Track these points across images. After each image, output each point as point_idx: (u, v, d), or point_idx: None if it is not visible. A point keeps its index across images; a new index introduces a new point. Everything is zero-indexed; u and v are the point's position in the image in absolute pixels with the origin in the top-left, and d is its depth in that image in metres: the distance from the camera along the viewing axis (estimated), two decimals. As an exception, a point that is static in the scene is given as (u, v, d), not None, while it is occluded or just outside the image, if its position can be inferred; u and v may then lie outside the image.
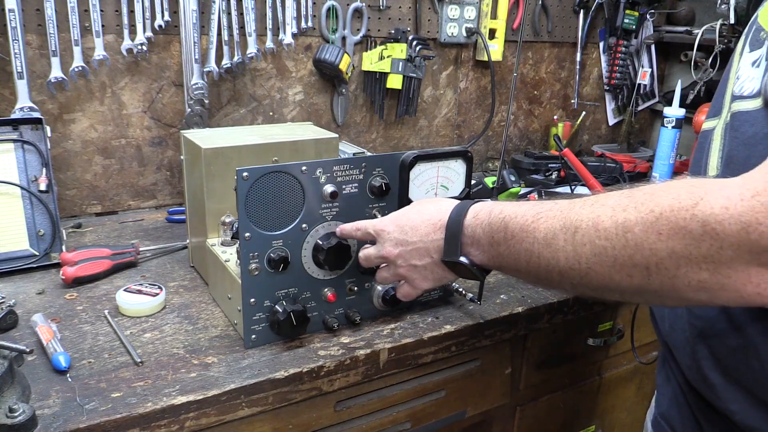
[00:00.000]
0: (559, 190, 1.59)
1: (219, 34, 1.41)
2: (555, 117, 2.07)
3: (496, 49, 1.79)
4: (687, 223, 0.51)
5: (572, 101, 2.09)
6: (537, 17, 1.91)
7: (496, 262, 0.73)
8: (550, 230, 0.63)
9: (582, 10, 1.97)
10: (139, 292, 1.01)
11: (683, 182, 0.55)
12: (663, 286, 0.55)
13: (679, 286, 0.54)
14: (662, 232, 0.52)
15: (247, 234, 0.85)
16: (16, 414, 0.69)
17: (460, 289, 1.05)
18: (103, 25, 1.30)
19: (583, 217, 0.60)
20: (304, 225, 0.89)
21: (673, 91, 1.72)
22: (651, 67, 2.17)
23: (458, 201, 0.81)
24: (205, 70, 1.41)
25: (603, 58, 2.09)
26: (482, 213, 0.74)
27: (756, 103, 0.65)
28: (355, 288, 0.97)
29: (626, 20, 1.96)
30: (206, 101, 1.42)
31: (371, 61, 1.63)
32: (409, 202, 0.96)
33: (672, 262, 0.53)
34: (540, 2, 1.90)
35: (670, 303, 0.63)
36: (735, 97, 0.70)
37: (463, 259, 0.76)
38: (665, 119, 1.70)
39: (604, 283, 0.59)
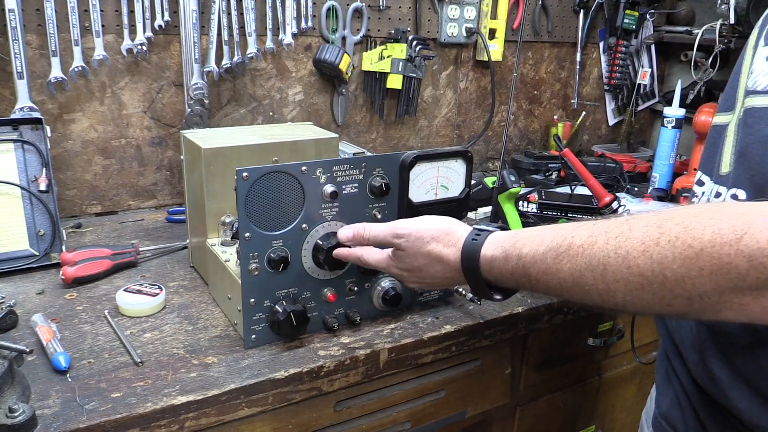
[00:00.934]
0: (559, 190, 1.59)
1: (219, 34, 1.41)
2: (555, 117, 2.07)
3: (496, 49, 1.79)
4: (732, 258, 0.49)
5: (572, 101, 2.09)
6: (537, 17, 1.91)
7: (528, 293, 0.73)
8: (575, 269, 0.61)
9: (582, 10, 1.97)
10: (139, 292, 1.01)
11: (717, 210, 0.53)
12: (704, 310, 0.54)
13: (720, 309, 0.53)
14: (704, 267, 0.51)
15: (247, 234, 0.85)
16: (16, 414, 0.69)
17: (460, 289, 1.05)
18: (103, 25, 1.30)
19: (609, 252, 0.58)
20: (304, 225, 0.89)
21: (673, 91, 1.72)
22: (651, 67, 2.17)
23: (459, 251, 0.77)
24: (205, 70, 1.41)
25: (603, 58, 2.09)
26: (497, 261, 0.71)
27: None
28: (355, 288, 0.97)
29: (626, 20, 1.97)
30: (206, 101, 1.42)
31: (371, 61, 1.63)
32: (409, 202, 0.96)
33: (715, 294, 0.52)
34: (540, 2, 1.90)
35: (708, 321, 0.63)
36: (749, 92, 0.69)
37: (497, 297, 0.77)
38: (665, 119, 1.70)
39: (642, 311, 0.59)
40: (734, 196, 0.67)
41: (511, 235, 0.72)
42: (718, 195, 0.71)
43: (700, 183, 0.77)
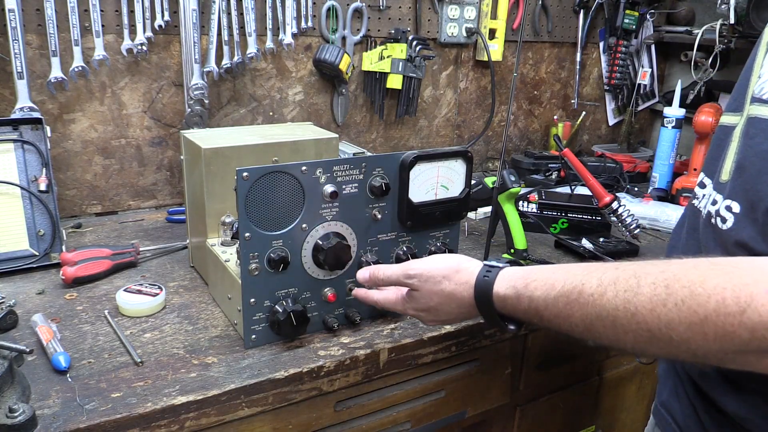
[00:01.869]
0: (559, 190, 1.59)
1: (219, 34, 1.41)
2: (555, 117, 2.07)
3: (496, 49, 1.79)
4: (735, 329, 0.52)
5: (572, 101, 2.09)
6: (537, 17, 1.91)
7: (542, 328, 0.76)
8: (586, 318, 0.64)
9: (582, 10, 1.97)
10: (139, 292, 1.01)
11: (722, 276, 0.55)
12: (710, 362, 0.58)
13: (725, 363, 0.57)
14: (708, 333, 0.54)
15: (247, 234, 0.85)
16: (16, 414, 0.69)
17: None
18: (103, 25, 1.30)
19: (618, 306, 0.60)
20: (304, 225, 0.89)
21: (673, 91, 1.72)
22: (651, 67, 2.17)
23: (472, 288, 0.78)
24: (205, 70, 1.41)
25: (603, 58, 2.09)
26: (510, 300, 0.74)
27: None
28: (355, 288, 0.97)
29: (626, 20, 1.97)
30: (206, 101, 1.42)
31: (371, 61, 1.63)
32: (409, 202, 0.96)
33: (720, 353, 0.55)
34: (540, 2, 1.90)
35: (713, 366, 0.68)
36: (754, 99, 0.67)
37: (512, 327, 0.79)
38: (665, 119, 1.71)
39: (652, 357, 0.64)
40: (728, 208, 0.67)
41: (522, 275, 0.73)
42: (714, 203, 0.70)
43: (702, 185, 0.77)
